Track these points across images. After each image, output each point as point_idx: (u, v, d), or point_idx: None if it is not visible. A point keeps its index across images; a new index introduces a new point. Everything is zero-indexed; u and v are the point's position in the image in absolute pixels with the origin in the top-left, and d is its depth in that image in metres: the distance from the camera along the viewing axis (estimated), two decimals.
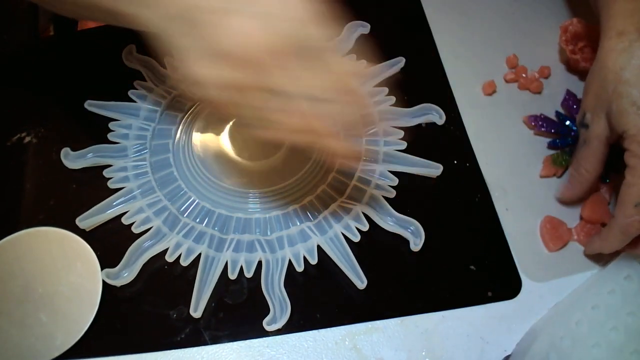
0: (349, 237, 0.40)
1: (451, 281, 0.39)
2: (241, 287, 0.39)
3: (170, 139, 0.45)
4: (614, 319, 0.35)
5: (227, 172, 0.43)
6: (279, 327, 0.37)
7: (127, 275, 0.39)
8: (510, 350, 0.37)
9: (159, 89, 0.47)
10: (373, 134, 0.45)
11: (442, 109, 0.45)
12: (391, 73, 0.48)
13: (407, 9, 0.52)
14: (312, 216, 0.41)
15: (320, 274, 0.39)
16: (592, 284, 0.38)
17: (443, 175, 0.43)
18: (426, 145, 0.45)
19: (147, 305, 0.38)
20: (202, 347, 0.37)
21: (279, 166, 0.44)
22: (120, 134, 0.44)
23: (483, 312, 0.38)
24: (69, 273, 0.38)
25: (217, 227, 0.41)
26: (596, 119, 0.38)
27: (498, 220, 0.42)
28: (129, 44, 0.49)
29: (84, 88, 0.48)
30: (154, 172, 0.43)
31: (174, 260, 0.39)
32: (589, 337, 0.35)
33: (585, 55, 0.48)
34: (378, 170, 0.43)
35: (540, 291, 0.39)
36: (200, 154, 0.44)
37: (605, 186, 0.43)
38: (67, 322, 0.37)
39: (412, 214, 0.41)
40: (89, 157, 0.43)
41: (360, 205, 0.41)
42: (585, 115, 0.39)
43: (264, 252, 0.39)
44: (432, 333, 0.38)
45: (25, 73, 0.50)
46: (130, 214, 0.41)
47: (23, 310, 0.37)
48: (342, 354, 0.37)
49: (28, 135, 0.46)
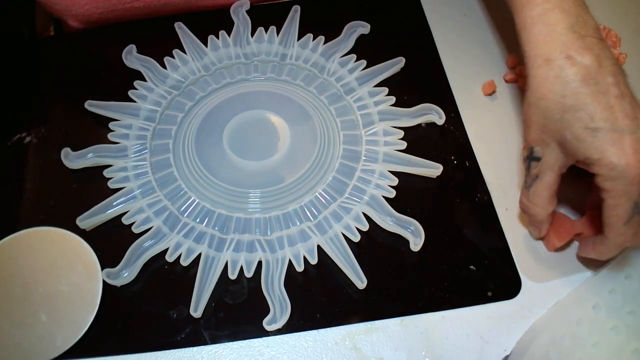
0: (349, 237, 0.40)
1: (451, 281, 0.39)
2: (241, 287, 0.39)
3: (170, 139, 0.45)
4: (614, 318, 0.35)
5: (227, 172, 0.43)
6: (279, 327, 0.37)
7: (127, 275, 0.39)
8: (510, 350, 0.37)
9: (159, 89, 0.47)
10: (373, 134, 0.45)
11: (442, 109, 0.45)
12: (391, 73, 0.48)
13: (407, 9, 0.52)
14: (312, 216, 0.41)
15: (320, 274, 0.39)
16: (592, 284, 0.38)
17: (443, 175, 0.43)
18: (426, 145, 0.45)
19: (147, 305, 0.38)
20: (202, 347, 0.37)
21: (279, 166, 0.44)
22: (121, 134, 0.44)
23: (483, 311, 0.38)
24: (69, 273, 0.38)
25: (217, 227, 0.41)
26: (548, 149, 0.37)
27: (498, 220, 0.42)
28: (129, 44, 0.49)
29: (84, 88, 0.48)
30: (154, 172, 0.43)
31: (174, 260, 0.39)
32: (589, 336, 0.35)
33: None
34: (378, 170, 0.43)
35: (540, 291, 0.39)
36: (201, 154, 0.44)
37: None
38: (67, 322, 0.37)
39: (412, 214, 0.41)
40: (89, 157, 0.43)
41: (360, 205, 0.41)
42: (533, 150, 0.37)
43: (264, 252, 0.39)
44: (432, 333, 0.38)
45: (25, 73, 0.50)
46: (131, 214, 0.41)
47: (23, 310, 0.37)
48: (342, 353, 0.37)
49: (28, 135, 0.46)
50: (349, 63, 0.48)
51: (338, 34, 0.49)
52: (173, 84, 0.47)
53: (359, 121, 0.46)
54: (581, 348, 0.34)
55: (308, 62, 0.49)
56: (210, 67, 0.48)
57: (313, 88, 0.48)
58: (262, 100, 0.47)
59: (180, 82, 0.47)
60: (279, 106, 0.47)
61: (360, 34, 0.50)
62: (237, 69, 0.49)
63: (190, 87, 0.48)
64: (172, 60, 0.48)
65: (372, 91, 0.47)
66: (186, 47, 0.49)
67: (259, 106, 0.47)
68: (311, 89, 0.48)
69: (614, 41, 0.48)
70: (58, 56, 0.51)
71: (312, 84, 0.48)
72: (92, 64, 0.50)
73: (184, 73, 0.48)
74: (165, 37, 0.49)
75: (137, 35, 0.50)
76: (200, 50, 0.49)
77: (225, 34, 0.50)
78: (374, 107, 0.46)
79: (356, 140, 0.45)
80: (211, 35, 0.49)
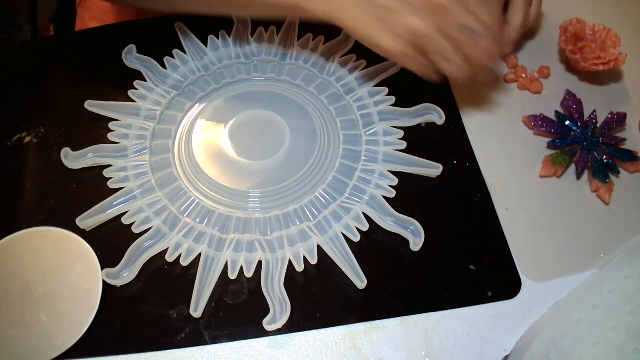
0: (349, 237, 0.40)
1: (451, 281, 0.39)
2: (241, 287, 0.39)
3: (170, 139, 0.45)
4: (614, 318, 0.35)
5: (227, 172, 0.43)
6: (279, 327, 0.37)
7: (127, 275, 0.39)
8: (510, 350, 0.37)
9: (159, 89, 0.47)
10: (373, 134, 0.45)
11: (442, 109, 0.45)
12: (391, 73, 0.48)
13: None
14: (312, 216, 0.41)
15: (320, 274, 0.39)
16: (592, 283, 0.38)
17: (443, 175, 0.43)
18: (426, 145, 0.45)
19: (147, 305, 0.38)
20: (202, 347, 0.37)
21: (279, 166, 0.44)
22: (121, 134, 0.44)
23: (483, 311, 0.38)
24: (69, 273, 0.38)
25: (217, 227, 0.41)
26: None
27: (498, 220, 0.42)
28: (129, 44, 0.49)
29: (84, 88, 0.48)
30: (154, 172, 0.43)
31: (174, 260, 0.39)
32: (589, 336, 0.35)
33: (585, 56, 0.48)
34: (378, 170, 0.43)
35: (540, 291, 0.39)
36: (200, 153, 0.44)
37: (604, 186, 0.43)
38: (67, 322, 0.37)
39: (412, 214, 0.41)
40: (89, 157, 0.43)
41: (360, 205, 0.41)
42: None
43: (264, 252, 0.39)
44: (432, 333, 0.38)
45: (24, 73, 0.50)
46: (131, 214, 0.41)
47: (23, 310, 0.37)
48: (342, 353, 0.37)
49: (28, 135, 0.46)
50: (349, 63, 0.48)
51: (338, 34, 0.49)
52: (173, 83, 0.47)
53: (359, 121, 0.46)
54: (581, 348, 0.34)
55: (308, 62, 0.49)
56: (210, 67, 0.48)
57: (313, 88, 0.48)
58: (262, 100, 0.47)
59: (180, 82, 0.47)
60: (279, 106, 0.47)
61: None
62: (237, 69, 0.49)
63: (190, 87, 0.48)
64: (172, 60, 0.48)
65: (372, 91, 0.47)
66: (186, 47, 0.49)
67: (259, 106, 0.47)
68: (311, 89, 0.48)
69: (614, 41, 0.48)
70: (58, 56, 0.51)
71: (312, 84, 0.48)
72: (92, 64, 0.50)
73: (184, 73, 0.48)
74: (165, 37, 0.49)
75: (137, 35, 0.50)
76: (200, 50, 0.49)
77: (225, 34, 0.50)
78: (374, 107, 0.46)
79: (356, 140, 0.45)
80: (211, 35, 0.49)
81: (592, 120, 0.46)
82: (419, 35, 0.38)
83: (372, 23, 0.38)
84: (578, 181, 0.44)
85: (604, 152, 0.44)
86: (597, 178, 0.43)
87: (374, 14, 0.38)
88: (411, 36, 0.38)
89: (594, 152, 0.44)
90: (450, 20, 0.37)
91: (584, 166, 0.44)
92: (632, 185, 0.44)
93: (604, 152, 0.44)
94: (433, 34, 0.38)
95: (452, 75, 0.40)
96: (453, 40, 0.38)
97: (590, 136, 0.45)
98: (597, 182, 0.43)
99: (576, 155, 0.44)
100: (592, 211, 0.43)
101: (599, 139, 0.45)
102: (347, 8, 0.38)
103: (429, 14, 0.37)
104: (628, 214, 0.43)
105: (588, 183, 0.44)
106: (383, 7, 0.37)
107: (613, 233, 0.42)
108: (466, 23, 0.38)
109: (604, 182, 0.43)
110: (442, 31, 0.38)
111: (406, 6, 0.37)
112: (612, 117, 0.46)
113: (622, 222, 0.42)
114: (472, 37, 0.38)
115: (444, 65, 0.40)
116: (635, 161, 0.44)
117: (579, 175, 0.44)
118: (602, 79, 0.50)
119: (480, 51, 0.39)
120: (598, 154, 0.44)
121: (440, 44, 0.38)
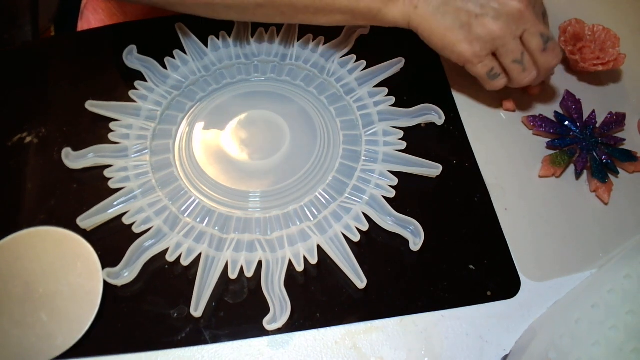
0: (349, 237, 0.40)
1: (450, 281, 0.39)
2: (241, 286, 0.39)
3: (170, 139, 0.45)
4: (613, 318, 0.35)
5: (227, 172, 0.44)
6: (279, 326, 0.37)
7: (127, 275, 0.39)
8: (509, 350, 0.37)
9: (160, 89, 0.47)
10: (373, 134, 0.45)
11: (442, 109, 0.46)
12: (391, 73, 0.48)
13: None
14: (312, 216, 0.41)
15: (320, 274, 0.39)
16: (591, 283, 0.38)
17: (443, 175, 0.43)
18: (426, 145, 0.45)
19: (147, 305, 0.38)
20: (202, 347, 0.37)
21: (279, 166, 0.44)
22: (121, 134, 0.44)
23: (482, 311, 0.39)
24: (69, 273, 0.38)
25: (217, 227, 0.41)
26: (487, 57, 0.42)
27: (497, 220, 0.42)
28: (129, 44, 0.49)
29: (85, 88, 0.48)
30: (154, 172, 0.43)
31: (175, 260, 0.39)
32: (588, 335, 0.35)
33: (584, 56, 0.48)
34: (378, 170, 0.43)
35: (539, 290, 0.39)
36: (201, 154, 0.44)
37: (603, 186, 0.43)
38: (67, 321, 0.37)
39: (412, 214, 0.41)
40: (89, 157, 0.43)
41: (360, 205, 0.41)
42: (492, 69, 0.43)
43: (264, 252, 0.39)
44: (432, 332, 0.38)
45: (25, 73, 0.50)
46: (131, 213, 0.41)
47: (24, 309, 0.37)
48: (342, 353, 0.37)
49: (29, 135, 0.46)
50: (349, 63, 0.48)
51: (338, 35, 0.49)
52: (173, 84, 0.47)
53: (359, 121, 0.46)
54: (580, 347, 0.34)
55: (308, 62, 0.49)
56: (211, 67, 0.48)
57: (313, 88, 0.48)
58: (262, 100, 0.47)
59: (180, 82, 0.48)
60: (279, 106, 0.47)
61: (360, 35, 0.50)
62: (237, 69, 0.49)
63: (191, 87, 0.48)
64: (173, 60, 0.48)
65: (372, 91, 0.47)
66: (186, 48, 0.49)
67: (259, 106, 0.47)
68: (311, 89, 0.48)
69: (613, 41, 0.48)
70: (58, 56, 0.51)
71: (312, 84, 0.48)
72: (92, 64, 0.50)
73: (184, 73, 0.48)
74: (165, 38, 0.50)
75: (138, 35, 0.50)
76: (201, 51, 0.49)
77: (225, 34, 0.50)
78: (374, 107, 0.46)
79: (356, 141, 0.45)
80: (211, 36, 0.50)
81: (591, 121, 0.46)
82: (496, 39, 0.39)
83: (453, 27, 0.39)
84: (577, 181, 0.44)
85: (603, 152, 0.44)
86: (596, 178, 0.43)
87: (456, 18, 0.39)
88: (489, 40, 0.39)
89: (593, 152, 0.44)
90: (526, 26, 0.39)
91: (583, 166, 0.44)
92: (631, 185, 0.44)
93: (603, 152, 0.44)
94: (510, 38, 0.40)
95: (519, 80, 0.42)
96: (525, 45, 0.40)
97: (589, 136, 0.45)
98: (596, 182, 0.43)
99: (575, 155, 0.44)
100: (591, 211, 0.43)
101: (598, 139, 0.45)
102: (426, 11, 0.40)
103: (507, 19, 0.39)
104: (627, 214, 0.43)
105: (587, 183, 0.44)
106: (464, 11, 0.39)
107: (612, 233, 0.42)
108: (540, 29, 0.40)
109: (603, 182, 0.43)
110: (516, 36, 0.40)
111: (486, 10, 0.39)
112: (611, 117, 0.46)
113: (621, 222, 0.43)
114: (543, 43, 0.40)
115: (513, 69, 0.42)
116: (634, 161, 0.44)
117: (578, 175, 0.45)
118: (601, 79, 0.50)
119: (549, 56, 0.41)
120: (597, 154, 0.44)
121: (515, 48, 0.40)
